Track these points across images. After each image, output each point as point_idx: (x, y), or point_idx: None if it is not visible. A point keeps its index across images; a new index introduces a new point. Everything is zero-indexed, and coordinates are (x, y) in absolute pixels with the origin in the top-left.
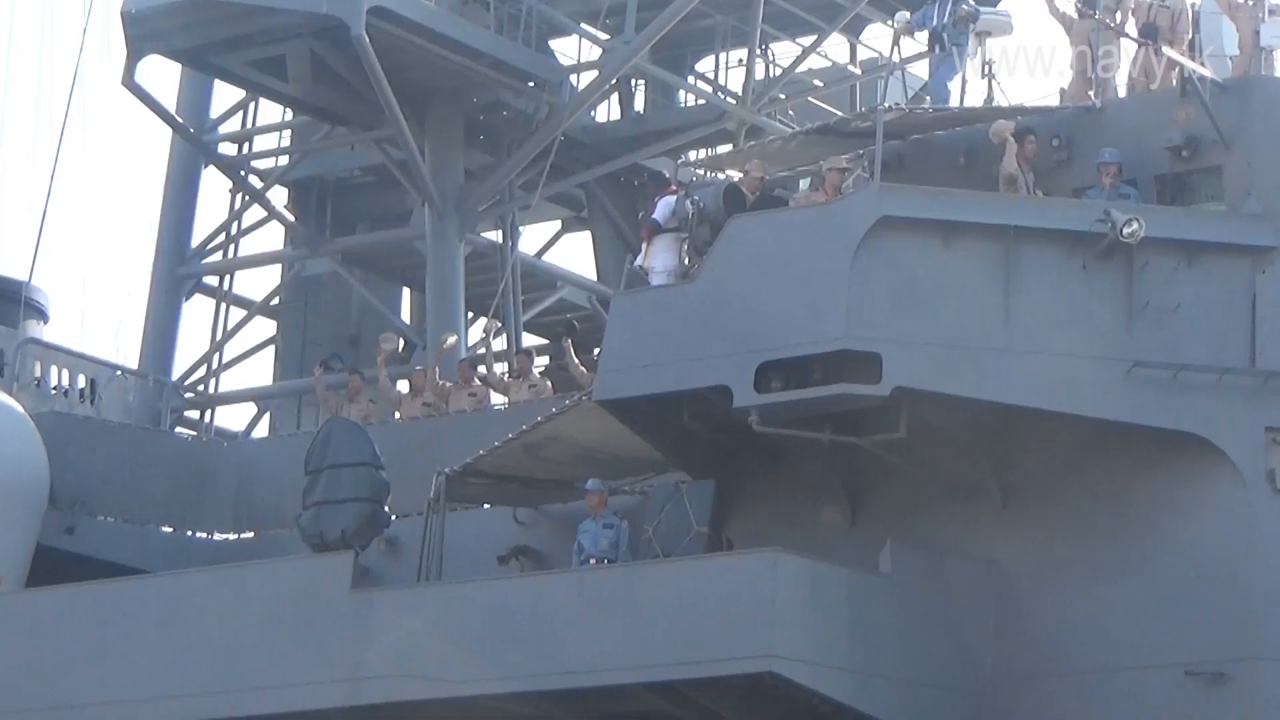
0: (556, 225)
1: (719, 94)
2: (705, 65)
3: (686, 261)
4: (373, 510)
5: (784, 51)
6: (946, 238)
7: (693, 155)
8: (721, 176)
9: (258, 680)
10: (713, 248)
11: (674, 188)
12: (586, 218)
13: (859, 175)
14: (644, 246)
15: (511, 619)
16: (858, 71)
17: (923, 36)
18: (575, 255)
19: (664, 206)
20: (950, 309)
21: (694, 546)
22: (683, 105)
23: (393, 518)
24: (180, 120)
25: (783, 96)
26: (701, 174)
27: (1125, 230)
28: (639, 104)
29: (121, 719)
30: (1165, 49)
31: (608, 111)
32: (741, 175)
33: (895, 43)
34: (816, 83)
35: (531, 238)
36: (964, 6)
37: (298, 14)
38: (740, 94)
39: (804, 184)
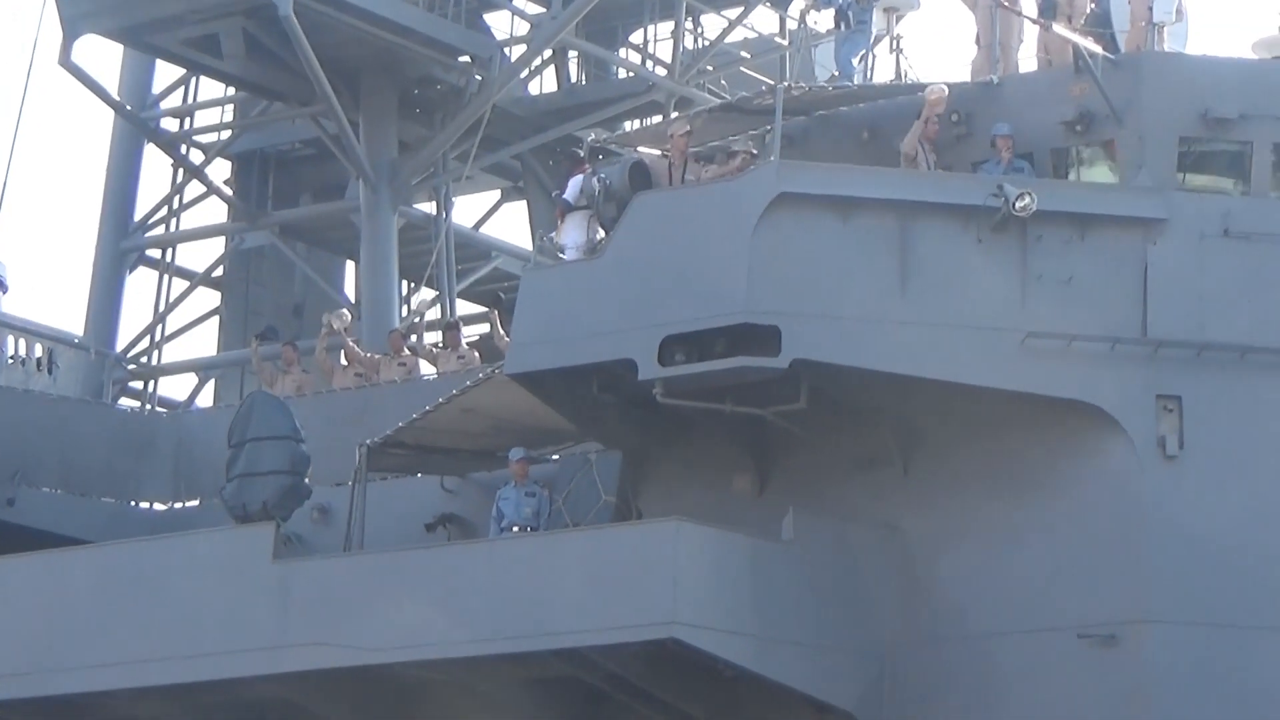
0: (496, 196)
1: (648, 66)
2: (638, 38)
3: (596, 237)
4: (293, 483)
5: (714, 25)
6: (844, 213)
7: (627, 126)
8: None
9: (183, 649)
10: (618, 224)
11: (584, 166)
12: (523, 188)
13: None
14: (558, 224)
15: (425, 587)
16: (784, 43)
17: (830, 13)
18: (515, 225)
19: (573, 185)
20: (848, 282)
21: (602, 516)
22: (617, 77)
23: (314, 488)
24: (118, 99)
25: (711, 68)
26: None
27: (1018, 204)
28: (578, 76)
29: (50, 688)
30: (1056, 26)
31: (540, 84)
32: (671, 137)
33: (802, 19)
34: (744, 54)
35: (471, 208)
36: None
37: None
38: (669, 66)
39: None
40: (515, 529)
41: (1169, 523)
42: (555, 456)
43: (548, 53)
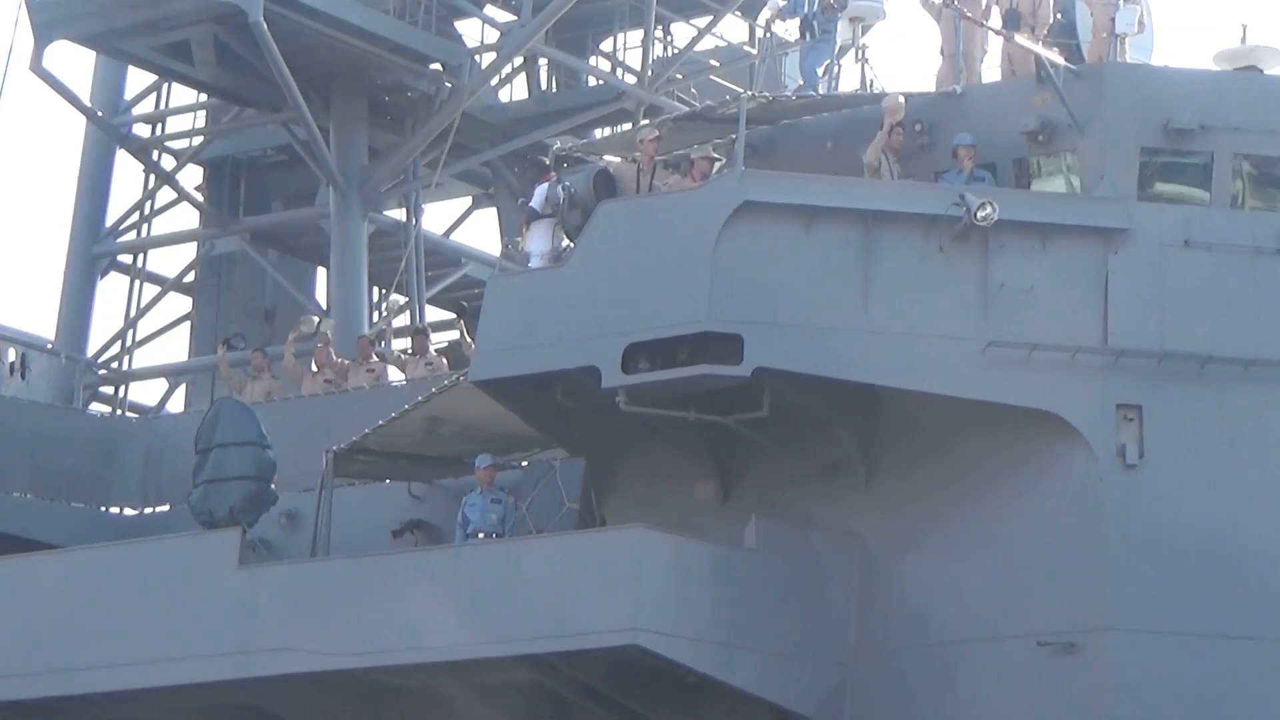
0: (467, 203)
1: (618, 74)
2: (609, 46)
3: (561, 245)
4: (259, 488)
5: (684, 33)
6: (807, 222)
7: (597, 134)
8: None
9: (150, 654)
10: (582, 232)
11: (550, 174)
12: (494, 195)
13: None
14: (524, 231)
15: (390, 593)
16: (754, 52)
17: (795, 23)
18: (486, 232)
19: (539, 193)
20: (811, 291)
21: (566, 523)
22: (587, 85)
23: (282, 494)
24: (89, 105)
25: (680, 77)
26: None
27: (979, 214)
28: (549, 84)
29: (17, 692)
30: (1018, 36)
31: (510, 92)
32: (640, 143)
33: (768, 29)
34: (713, 63)
35: (442, 215)
36: None
37: (198, 1)
38: (639, 74)
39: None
40: (481, 535)
41: (1128, 531)
42: (524, 464)
43: (518, 60)
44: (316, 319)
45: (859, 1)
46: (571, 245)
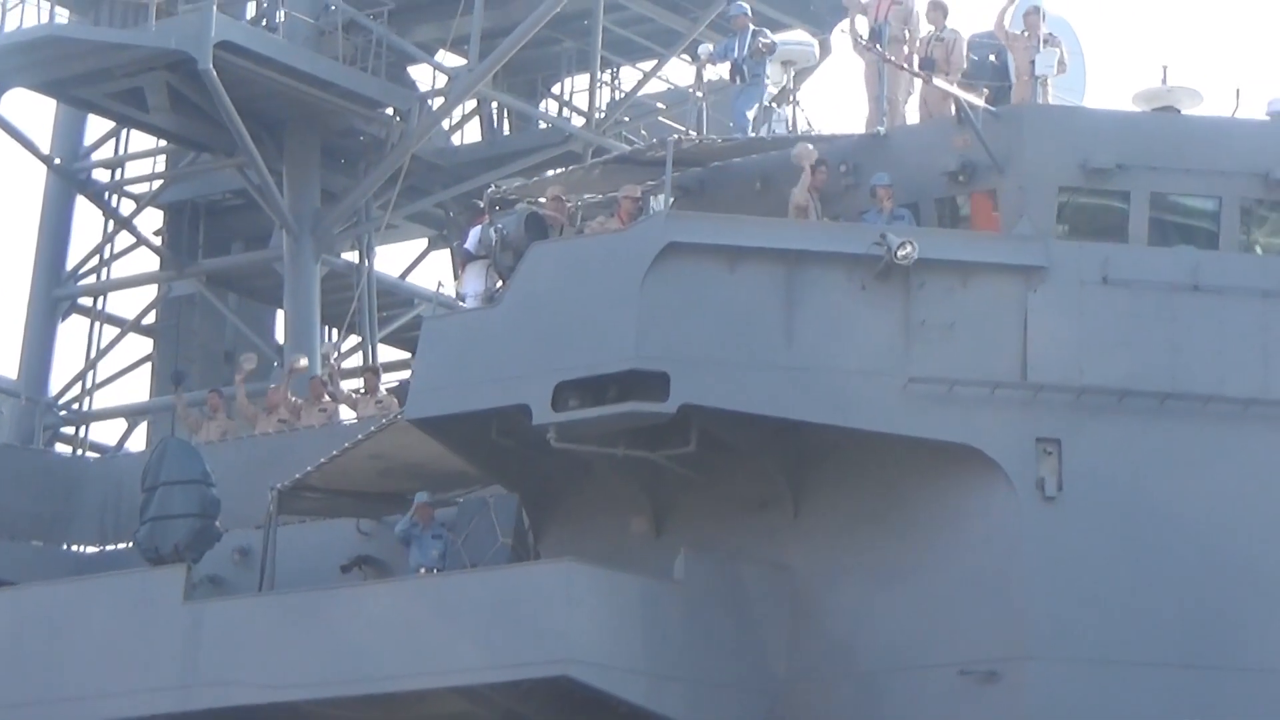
0: (422, 245)
1: (565, 116)
2: (561, 89)
3: (494, 286)
4: (203, 525)
5: (632, 77)
6: (732, 262)
7: (550, 174)
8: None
9: (97, 689)
10: (514, 273)
11: (484, 216)
12: (447, 236)
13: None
14: (459, 273)
15: (331, 627)
16: (700, 95)
17: (726, 67)
18: (441, 273)
19: (473, 235)
20: (736, 329)
21: (499, 557)
22: (538, 128)
23: (236, 531)
24: (46, 152)
25: (628, 119)
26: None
27: (899, 253)
28: (501, 127)
29: None
30: (936, 79)
31: (462, 136)
32: (545, 201)
33: (699, 74)
34: (659, 105)
35: (398, 257)
36: (761, 40)
37: (149, 49)
38: (587, 116)
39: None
40: (422, 570)
41: (1048, 562)
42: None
43: (471, 104)
44: (256, 357)
45: (788, 45)
46: (504, 286)
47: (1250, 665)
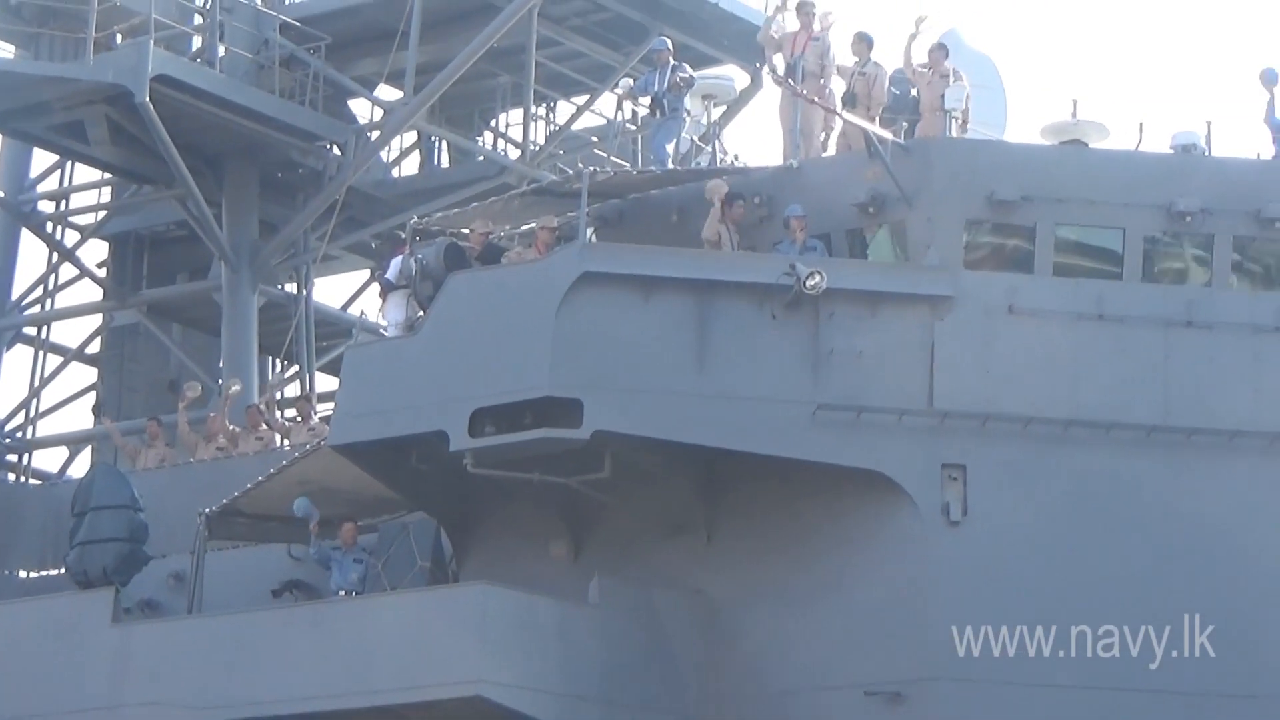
0: (364, 276)
1: (501, 150)
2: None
3: (415, 315)
4: (131, 549)
5: (566, 111)
6: (646, 291)
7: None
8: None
9: (26, 710)
10: (433, 303)
11: (405, 247)
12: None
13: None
14: (381, 302)
15: (255, 649)
16: (633, 128)
17: (646, 100)
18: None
19: (394, 265)
20: (649, 357)
21: (418, 580)
22: (477, 161)
23: (172, 556)
24: None
25: (562, 152)
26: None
27: (808, 283)
28: (444, 159)
29: None
30: (846, 114)
31: (400, 169)
32: (469, 232)
33: (619, 107)
34: (593, 138)
35: (339, 288)
36: (680, 75)
37: (87, 83)
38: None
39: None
40: (342, 593)
41: (953, 585)
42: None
43: (412, 138)
44: (200, 385)
45: (708, 80)
46: (424, 315)
47: (1153, 687)
